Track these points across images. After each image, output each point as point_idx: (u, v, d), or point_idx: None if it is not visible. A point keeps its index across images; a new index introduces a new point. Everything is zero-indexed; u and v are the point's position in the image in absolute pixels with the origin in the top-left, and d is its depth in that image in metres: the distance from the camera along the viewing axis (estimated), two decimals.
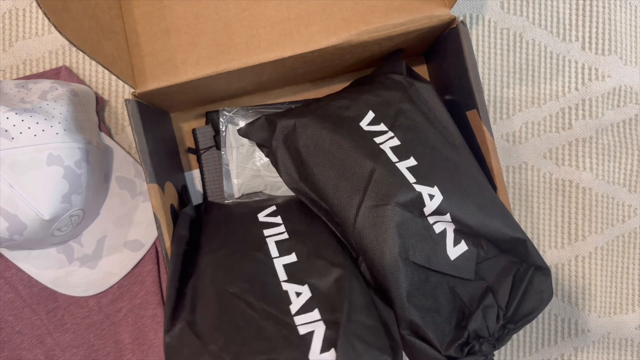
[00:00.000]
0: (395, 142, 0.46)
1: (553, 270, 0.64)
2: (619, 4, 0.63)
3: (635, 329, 0.65)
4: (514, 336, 0.64)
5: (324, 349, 0.36)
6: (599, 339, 0.64)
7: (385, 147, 0.45)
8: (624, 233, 0.65)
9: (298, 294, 0.41)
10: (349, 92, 0.53)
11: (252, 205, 0.53)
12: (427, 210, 0.42)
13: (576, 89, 0.64)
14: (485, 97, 0.63)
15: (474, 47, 0.63)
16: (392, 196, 0.42)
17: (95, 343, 0.57)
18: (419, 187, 0.42)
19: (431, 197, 0.42)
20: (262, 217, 0.50)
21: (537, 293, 0.42)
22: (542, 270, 0.43)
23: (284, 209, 0.51)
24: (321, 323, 0.38)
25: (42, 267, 0.55)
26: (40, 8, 0.35)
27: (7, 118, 0.46)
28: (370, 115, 0.48)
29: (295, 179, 0.49)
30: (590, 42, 0.63)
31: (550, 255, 0.64)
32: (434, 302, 0.42)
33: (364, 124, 0.48)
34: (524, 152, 0.63)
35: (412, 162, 0.44)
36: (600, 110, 0.64)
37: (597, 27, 0.63)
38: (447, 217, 0.42)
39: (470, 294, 0.43)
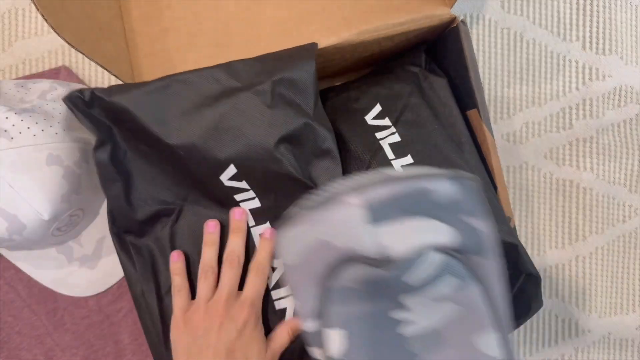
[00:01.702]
0: (396, 138, 0.46)
1: (553, 271, 0.64)
2: (620, 3, 0.63)
3: (636, 329, 0.64)
4: (514, 336, 0.64)
5: None
6: (600, 340, 0.64)
7: (385, 144, 0.45)
8: (624, 233, 0.64)
9: None
10: (361, 83, 0.53)
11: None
12: None
13: (577, 88, 0.63)
14: (486, 96, 0.63)
15: (475, 47, 0.63)
16: None
17: (95, 343, 0.57)
18: None
19: None
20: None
21: (526, 300, 0.42)
22: (533, 278, 0.43)
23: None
24: None
25: (42, 267, 0.55)
26: (38, 10, 0.35)
27: (7, 118, 0.45)
28: (377, 108, 0.48)
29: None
30: (590, 42, 0.63)
31: (550, 255, 0.64)
32: None
33: (369, 117, 0.48)
34: (524, 152, 0.63)
35: (408, 160, 0.44)
36: (600, 110, 0.64)
37: (597, 27, 0.63)
38: None
39: None
